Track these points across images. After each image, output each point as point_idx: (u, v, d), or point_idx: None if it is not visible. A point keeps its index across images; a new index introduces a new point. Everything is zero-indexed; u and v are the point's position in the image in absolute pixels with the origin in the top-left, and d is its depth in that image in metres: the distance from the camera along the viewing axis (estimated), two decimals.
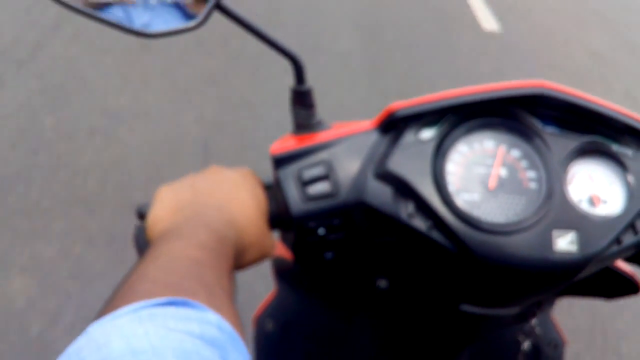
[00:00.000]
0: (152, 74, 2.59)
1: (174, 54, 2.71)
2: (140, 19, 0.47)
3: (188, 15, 0.48)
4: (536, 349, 0.63)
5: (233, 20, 0.49)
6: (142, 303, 0.28)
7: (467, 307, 0.53)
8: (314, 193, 0.50)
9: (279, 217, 0.50)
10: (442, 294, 0.54)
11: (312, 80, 0.54)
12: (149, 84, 2.53)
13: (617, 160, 0.50)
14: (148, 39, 0.47)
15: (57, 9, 0.46)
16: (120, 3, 0.47)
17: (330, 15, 3.51)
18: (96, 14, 0.45)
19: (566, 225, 0.46)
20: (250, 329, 0.74)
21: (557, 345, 0.67)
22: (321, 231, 0.50)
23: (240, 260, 0.44)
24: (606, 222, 0.47)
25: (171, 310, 0.28)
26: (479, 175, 0.49)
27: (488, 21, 3.78)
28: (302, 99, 0.54)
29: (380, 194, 0.49)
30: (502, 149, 0.50)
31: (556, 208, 0.47)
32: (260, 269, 0.55)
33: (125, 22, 0.45)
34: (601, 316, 1.83)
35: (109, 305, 0.29)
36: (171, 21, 0.48)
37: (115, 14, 0.47)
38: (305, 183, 0.50)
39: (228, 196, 0.46)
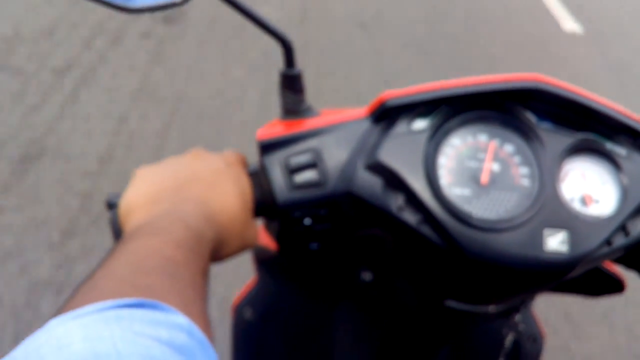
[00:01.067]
0: None
1: None
2: None
3: None
4: (517, 344, 0.63)
5: None
6: (108, 303, 0.26)
7: (452, 303, 0.52)
8: (300, 181, 0.48)
9: (264, 205, 0.49)
10: (428, 289, 0.53)
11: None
12: None
13: (610, 159, 0.49)
14: (129, 14, 0.44)
15: None
16: None
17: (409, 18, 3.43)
18: None
19: (557, 225, 0.46)
20: (228, 317, 0.73)
21: (537, 339, 0.67)
22: (307, 221, 0.49)
23: (218, 253, 0.42)
24: (597, 223, 0.46)
25: (139, 312, 0.26)
26: (471, 170, 0.48)
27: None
28: (291, 83, 0.52)
29: (369, 185, 0.47)
30: (495, 143, 0.49)
31: (548, 206, 0.46)
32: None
33: None
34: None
35: (71, 301, 0.27)
36: None
37: None
38: (292, 171, 0.48)
39: (210, 187, 0.43)
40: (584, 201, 0.48)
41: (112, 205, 0.45)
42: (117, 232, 0.44)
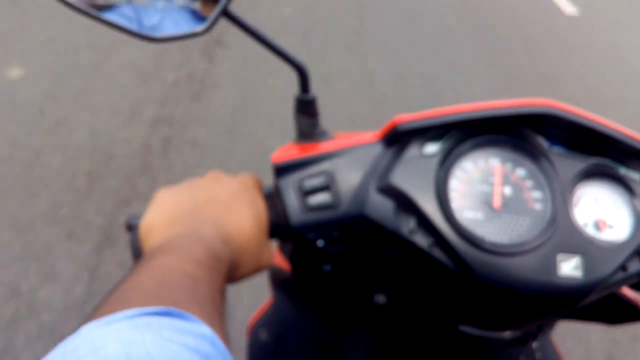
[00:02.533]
0: None
1: None
2: (149, 20, 0.47)
3: (196, 18, 0.48)
4: None
5: (239, 27, 0.48)
6: (137, 310, 0.28)
7: (466, 329, 0.51)
8: (314, 204, 0.49)
9: (278, 226, 0.50)
10: (441, 314, 0.53)
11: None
12: None
13: (624, 185, 0.49)
14: (153, 42, 0.47)
15: None
16: (129, 4, 0.46)
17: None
18: (100, 15, 0.44)
19: (571, 250, 0.45)
20: (243, 339, 0.73)
21: None
22: (320, 243, 0.49)
23: (234, 274, 0.43)
24: (612, 248, 0.46)
25: (167, 320, 0.27)
26: (483, 194, 0.48)
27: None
28: (306, 108, 0.54)
29: (381, 207, 0.48)
30: (507, 167, 0.49)
31: (561, 231, 0.46)
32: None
33: (131, 24, 0.44)
34: None
35: (99, 310, 0.29)
36: (180, 24, 0.48)
37: (122, 15, 0.46)
38: (306, 193, 0.49)
39: (225, 210, 0.45)
40: (598, 226, 0.48)
41: (131, 227, 0.47)
42: (137, 253, 0.45)
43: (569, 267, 0.45)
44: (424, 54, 3.27)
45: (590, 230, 0.47)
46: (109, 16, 0.44)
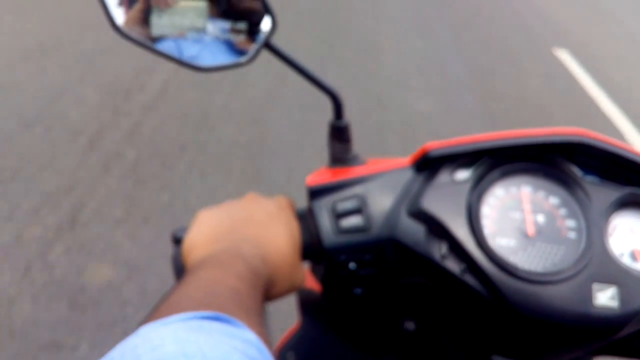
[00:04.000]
0: None
1: None
2: (189, 51, 0.50)
3: (235, 52, 0.51)
4: None
5: (280, 58, 0.51)
6: (190, 314, 0.29)
7: (498, 359, 0.51)
8: (346, 226, 0.50)
9: (311, 248, 0.51)
10: (473, 342, 0.53)
11: None
12: None
13: None
14: (198, 72, 0.50)
15: None
16: (174, 36, 0.50)
17: None
18: (152, 45, 0.48)
19: (607, 280, 0.45)
20: None
21: None
22: (352, 265, 0.50)
23: (269, 292, 0.45)
24: None
25: (217, 324, 0.29)
26: (515, 221, 0.48)
27: None
28: (339, 134, 0.55)
29: (413, 232, 0.49)
30: (540, 195, 0.49)
31: (596, 261, 0.45)
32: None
33: (180, 55, 0.48)
34: None
35: (153, 314, 0.31)
36: (219, 56, 0.51)
37: (169, 45, 0.50)
38: (339, 215, 0.50)
39: (263, 230, 0.47)
40: (634, 256, 0.47)
41: (177, 240, 0.49)
42: (179, 269, 0.47)
43: (605, 298, 0.44)
44: None
45: (627, 261, 0.47)
46: (162, 47, 0.48)
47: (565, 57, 4.45)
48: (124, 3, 0.46)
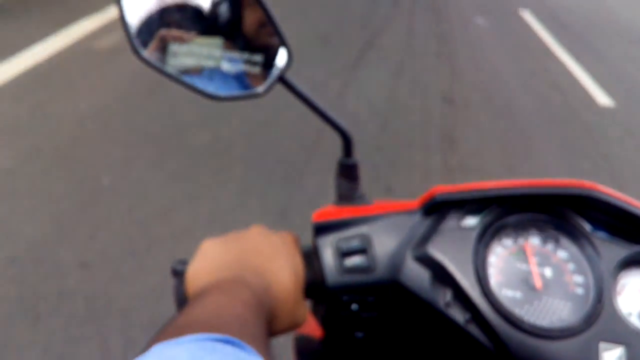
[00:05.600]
0: None
1: None
2: (205, 80, 0.51)
3: (247, 87, 0.52)
4: None
5: (292, 92, 0.52)
6: (204, 335, 0.29)
7: None
8: (350, 265, 0.49)
9: (314, 286, 0.50)
10: None
11: None
12: None
13: None
14: (213, 101, 0.50)
15: None
16: (193, 72, 0.51)
17: None
18: (171, 73, 0.49)
19: (614, 339, 0.43)
20: None
21: None
22: (354, 307, 0.49)
23: (270, 327, 0.44)
24: None
25: (230, 348, 0.29)
26: (522, 272, 0.47)
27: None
28: (348, 172, 0.55)
29: (417, 276, 0.48)
30: (548, 248, 0.49)
31: (604, 319, 0.44)
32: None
33: (193, 82, 0.49)
34: None
35: (162, 335, 0.30)
36: (234, 87, 0.52)
37: (193, 76, 0.51)
38: (343, 254, 0.50)
39: (267, 262, 0.46)
40: None
41: (177, 272, 0.48)
42: (181, 300, 0.46)
43: (612, 358, 0.43)
44: None
45: (635, 321, 0.46)
46: (180, 75, 0.49)
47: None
48: (139, 37, 0.47)
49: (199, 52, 0.49)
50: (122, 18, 0.46)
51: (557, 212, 0.50)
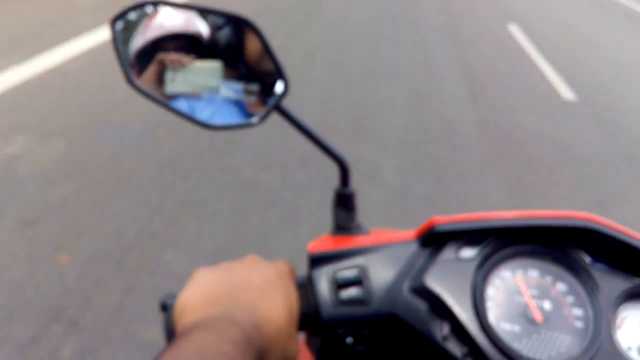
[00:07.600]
0: None
1: None
2: (203, 112, 0.50)
3: (246, 114, 0.51)
4: None
5: (289, 121, 0.51)
6: None
7: None
8: (346, 297, 0.48)
9: (309, 319, 0.49)
10: None
11: None
12: None
13: None
14: (208, 130, 0.50)
15: None
16: (187, 96, 0.50)
17: None
18: (165, 102, 0.48)
19: None
20: None
21: None
22: (349, 340, 0.48)
23: None
24: None
25: None
26: (521, 305, 0.47)
27: None
28: (344, 202, 0.55)
29: (414, 309, 0.47)
30: (547, 280, 0.48)
31: (603, 354, 0.43)
32: None
33: (190, 113, 0.48)
34: None
35: None
36: (230, 117, 0.51)
37: (181, 103, 0.50)
38: (339, 286, 0.49)
39: (260, 297, 0.45)
40: None
41: (166, 307, 0.47)
42: (170, 333, 0.45)
43: None
44: None
45: (635, 355, 0.45)
46: (174, 104, 0.48)
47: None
48: (133, 66, 0.47)
49: (198, 76, 0.49)
50: (115, 46, 0.46)
51: (557, 244, 0.49)
